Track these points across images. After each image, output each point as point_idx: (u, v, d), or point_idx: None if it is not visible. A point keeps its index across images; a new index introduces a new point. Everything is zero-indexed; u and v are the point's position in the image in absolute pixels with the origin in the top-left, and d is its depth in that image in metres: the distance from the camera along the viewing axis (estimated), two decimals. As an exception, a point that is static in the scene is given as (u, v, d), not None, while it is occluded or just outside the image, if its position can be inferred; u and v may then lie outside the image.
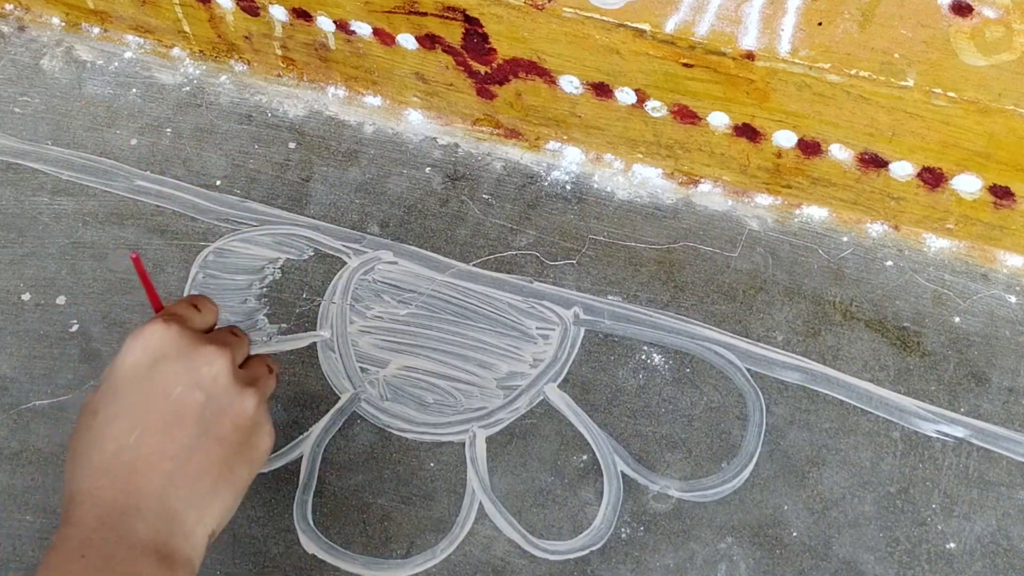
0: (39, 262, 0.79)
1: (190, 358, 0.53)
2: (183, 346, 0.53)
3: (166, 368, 0.53)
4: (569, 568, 0.66)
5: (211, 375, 0.53)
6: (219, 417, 0.53)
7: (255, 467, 0.55)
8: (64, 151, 0.84)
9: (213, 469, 0.53)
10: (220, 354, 0.54)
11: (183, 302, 0.58)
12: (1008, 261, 0.74)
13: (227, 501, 0.54)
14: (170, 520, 0.51)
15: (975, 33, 0.59)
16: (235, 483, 0.54)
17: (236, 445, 0.54)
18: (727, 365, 0.72)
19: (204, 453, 0.52)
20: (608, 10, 0.67)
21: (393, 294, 0.76)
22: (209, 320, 0.59)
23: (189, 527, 0.51)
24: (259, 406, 0.55)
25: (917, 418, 0.69)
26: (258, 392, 0.55)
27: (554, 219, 0.78)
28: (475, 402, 0.71)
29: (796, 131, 0.71)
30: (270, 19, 0.81)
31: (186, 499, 0.51)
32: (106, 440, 0.51)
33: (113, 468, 0.51)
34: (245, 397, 0.54)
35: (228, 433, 0.53)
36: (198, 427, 0.52)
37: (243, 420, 0.54)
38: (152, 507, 0.50)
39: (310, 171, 0.82)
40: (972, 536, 0.65)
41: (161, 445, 0.51)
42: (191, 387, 0.53)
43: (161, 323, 0.54)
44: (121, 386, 0.53)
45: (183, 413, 0.52)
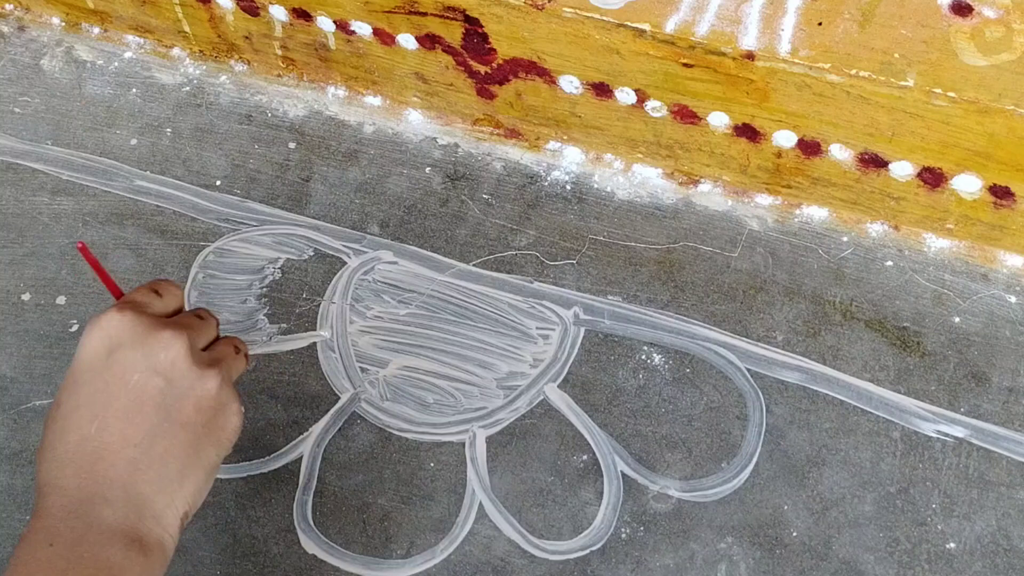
0: (39, 262, 0.79)
1: (146, 344, 0.53)
2: (139, 332, 0.53)
3: (123, 356, 0.53)
4: (569, 568, 0.66)
5: (168, 359, 0.53)
6: (180, 401, 0.53)
7: (224, 447, 0.55)
8: (64, 151, 0.84)
9: (179, 452, 0.53)
10: (176, 337, 0.54)
11: (143, 288, 0.58)
12: (1008, 261, 0.74)
13: (197, 483, 0.54)
14: (138, 505, 0.51)
15: (975, 33, 0.59)
16: (204, 464, 0.54)
17: (201, 427, 0.54)
18: (727, 365, 0.72)
19: (168, 438, 0.52)
20: (608, 10, 0.67)
21: (393, 294, 0.76)
22: (171, 304, 0.58)
23: (159, 510, 0.52)
24: (222, 386, 0.55)
25: (917, 418, 0.69)
26: (220, 372, 0.55)
27: (554, 219, 0.78)
28: (475, 402, 0.71)
29: (796, 131, 0.71)
30: (270, 19, 0.81)
31: (153, 483, 0.52)
32: (69, 431, 0.52)
33: (77, 458, 0.51)
34: (206, 379, 0.54)
35: (191, 416, 0.53)
36: (159, 412, 0.53)
37: (206, 402, 0.54)
38: (118, 494, 0.51)
39: (310, 171, 0.82)
40: (972, 536, 0.65)
41: (123, 432, 0.52)
42: (149, 373, 0.53)
43: (116, 311, 0.54)
44: (80, 377, 0.53)
45: (143, 400, 0.52)
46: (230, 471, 0.70)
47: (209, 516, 0.69)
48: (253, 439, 0.71)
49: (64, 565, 0.48)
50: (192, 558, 0.67)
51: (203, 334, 0.57)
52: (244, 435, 0.71)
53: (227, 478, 0.70)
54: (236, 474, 0.70)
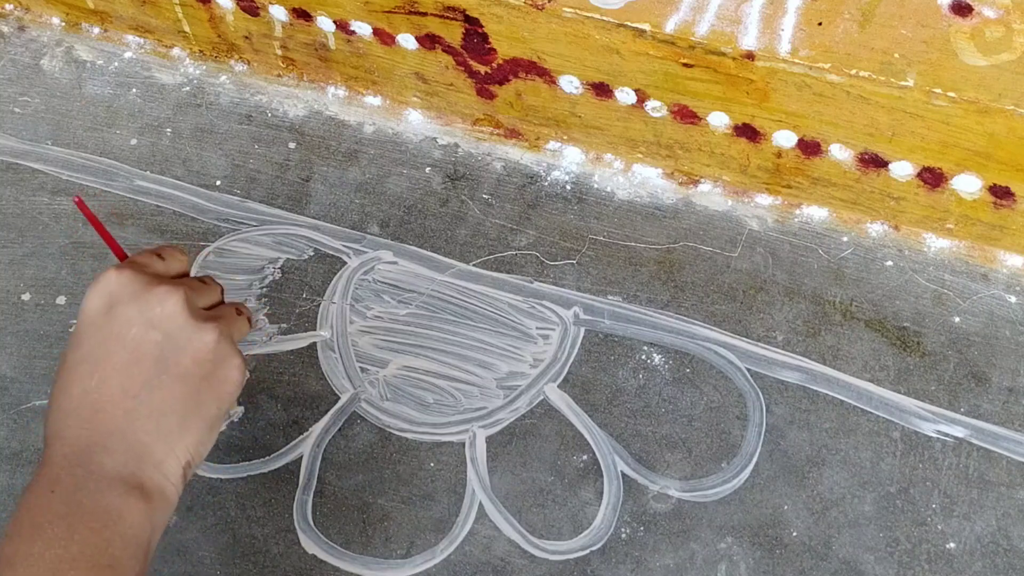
0: (39, 262, 0.79)
1: (143, 299, 0.55)
2: (136, 289, 0.55)
3: (121, 312, 0.54)
4: (569, 568, 0.66)
5: (164, 314, 0.54)
6: (178, 353, 0.54)
7: (224, 401, 0.56)
8: (64, 151, 0.84)
9: (178, 404, 0.54)
10: (172, 292, 0.55)
11: (147, 251, 0.59)
12: (1008, 261, 0.74)
13: (198, 433, 0.55)
14: (138, 453, 0.53)
15: (975, 33, 0.59)
16: (204, 416, 0.55)
17: (200, 379, 0.55)
18: (727, 365, 0.72)
19: (166, 389, 0.54)
20: (608, 10, 0.67)
21: (393, 294, 0.76)
22: (173, 267, 0.60)
23: (159, 458, 0.53)
24: (220, 340, 0.56)
25: (917, 418, 0.69)
26: (219, 327, 0.56)
27: (554, 219, 0.78)
28: (475, 402, 0.71)
29: (796, 131, 0.71)
30: (270, 19, 0.81)
31: (152, 432, 0.53)
32: (71, 384, 0.54)
33: (78, 410, 0.53)
34: (204, 332, 0.55)
35: (189, 368, 0.54)
36: (157, 365, 0.54)
37: (203, 354, 0.55)
38: (118, 443, 0.52)
39: (310, 171, 0.82)
40: (972, 536, 0.65)
41: (122, 385, 0.53)
42: (146, 327, 0.54)
43: (115, 269, 0.56)
44: (82, 333, 0.55)
45: (140, 353, 0.54)
46: (230, 471, 0.70)
47: (209, 516, 0.69)
48: (253, 439, 0.71)
49: (64, 510, 0.50)
50: (192, 558, 0.67)
51: (204, 295, 0.58)
52: (244, 435, 0.71)
53: (227, 478, 0.70)
54: (236, 474, 0.70)
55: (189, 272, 0.61)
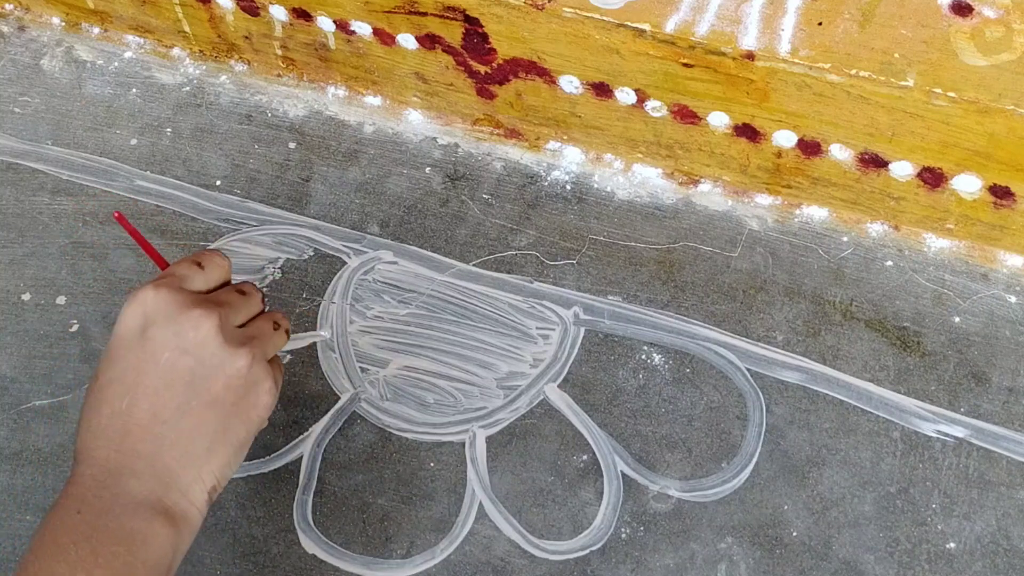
0: (39, 262, 0.79)
1: (177, 322, 0.54)
2: (172, 311, 0.54)
3: (155, 334, 0.54)
4: (569, 568, 0.66)
5: (198, 339, 0.54)
6: (209, 380, 0.54)
7: (254, 424, 0.56)
8: (64, 151, 0.84)
9: (207, 429, 0.54)
10: (207, 316, 0.54)
11: (185, 261, 0.59)
12: (1008, 261, 0.74)
13: (225, 458, 0.55)
14: (165, 479, 0.53)
15: (975, 33, 0.59)
16: (232, 441, 0.55)
17: (230, 405, 0.55)
18: (727, 365, 0.72)
19: (196, 415, 0.54)
20: (608, 10, 0.67)
21: (393, 294, 0.76)
22: (214, 277, 0.59)
23: (185, 484, 0.53)
24: (254, 365, 0.55)
25: (917, 418, 0.69)
26: (252, 350, 0.55)
27: (554, 219, 0.78)
28: (475, 402, 0.71)
29: (796, 131, 0.71)
30: (270, 19, 0.81)
31: (180, 458, 0.53)
32: (102, 404, 0.53)
33: (108, 431, 0.53)
34: (237, 357, 0.55)
35: (220, 394, 0.54)
36: (188, 391, 0.54)
37: (236, 380, 0.55)
38: (145, 467, 0.52)
39: (310, 171, 0.82)
40: (972, 536, 0.65)
41: (152, 409, 0.53)
42: (179, 352, 0.54)
43: (152, 288, 0.55)
44: (116, 352, 0.54)
45: (172, 378, 0.54)
46: (230, 471, 0.70)
47: (209, 516, 0.69)
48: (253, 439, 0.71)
49: (89, 531, 0.50)
50: (192, 558, 0.67)
51: (241, 310, 0.58)
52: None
53: (227, 478, 0.70)
54: (236, 474, 0.70)
55: (230, 279, 0.60)
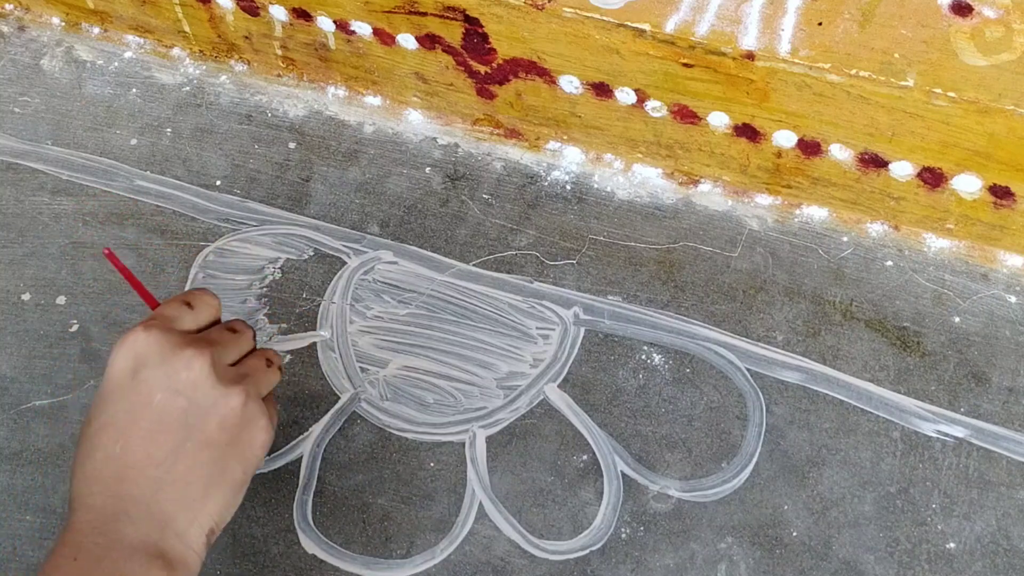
0: (39, 262, 0.79)
1: (169, 363, 0.54)
2: (163, 352, 0.54)
3: (147, 375, 0.54)
4: (569, 568, 0.66)
5: (190, 379, 0.54)
6: (203, 420, 0.54)
7: (250, 463, 0.56)
8: (64, 151, 0.84)
9: (202, 471, 0.53)
10: (198, 356, 0.54)
11: (175, 300, 0.58)
12: (1008, 261, 0.74)
13: (222, 500, 0.54)
14: (161, 523, 0.52)
15: (975, 33, 0.59)
16: (229, 482, 0.55)
17: (225, 445, 0.54)
18: (727, 365, 0.72)
19: (191, 457, 0.53)
20: (608, 10, 0.67)
21: (393, 294, 0.76)
22: (204, 317, 0.58)
23: (182, 527, 0.52)
24: (247, 403, 0.55)
25: (917, 418, 0.69)
26: (245, 389, 0.55)
27: (554, 219, 0.78)
28: (475, 402, 0.71)
29: (796, 131, 0.71)
30: (270, 19, 0.81)
31: (176, 501, 0.52)
32: (96, 449, 0.53)
33: (102, 476, 0.52)
34: (230, 396, 0.54)
35: (215, 434, 0.54)
36: (182, 432, 0.53)
37: (230, 420, 0.54)
38: (141, 512, 0.52)
39: (310, 171, 0.82)
40: (972, 536, 0.65)
41: (146, 452, 0.53)
42: (171, 393, 0.53)
43: (142, 329, 0.54)
44: (108, 395, 0.54)
45: (165, 419, 0.53)
46: (230, 471, 0.70)
47: (209, 516, 0.69)
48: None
49: None
50: (192, 558, 0.67)
51: (232, 349, 0.57)
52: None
53: (227, 478, 0.70)
54: (236, 474, 0.70)
55: (220, 317, 0.60)
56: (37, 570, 0.66)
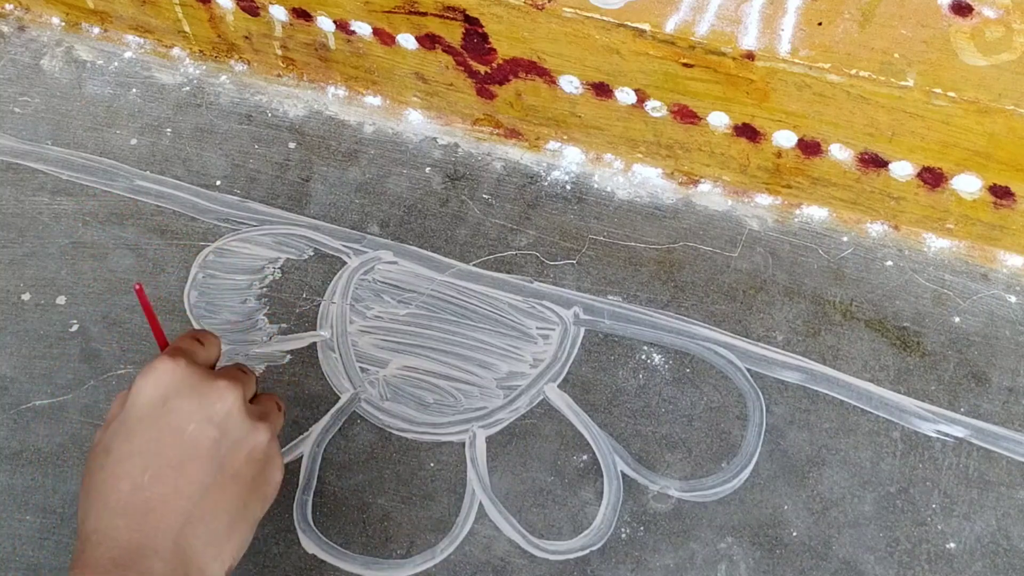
0: (39, 262, 0.79)
1: (202, 394, 0.53)
2: (194, 382, 0.53)
3: (178, 405, 0.53)
4: (569, 568, 0.66)
5: (224, 410, 0.53)
6: (233, 453, 0.53)
7: (267, 502, 0.55)
8: (64, 151, 0.84)
9: (229, 506, 0.52)
10: (232, 389, 0.54)
11: (186, 337, 0.58)
12: (1008, 261, 0.74)
13: (243, 537, 0.54)
14: (186, 559, 0.50)
15: (975, 33, 0.59)
16: (249, 519, 0.54)
17: (250, 481, 0.54)
18: (727, 365, 0.72)
19: (220, 491, 0.52)
20: (608, 10, 0.67)
21: (393, 294, 0.76)
22: (213, 354, 0.58)
23: (204, 564, 0.51)
24: (272, 441, 0.55)
25: (917, 418, 0.69)
26: (270, 426, 0.55)
27: (554, 219, 0.78)
28: (475, 402, 0.71)
29: (796, 131, 0.71)
30: (270, 19, 0.81)
31: (202, 536, 0.51)
32: (121, 479, 0.51)
33: (129, 508, 0.50)
34: (259, 432, 0.54)
35: (242, 468, 0.53)
36: (212, 464, 0.52)
37: (256, 454, 0.54)
38: (168, 546, 0.50)
39: (310, 171, 0.82)
40: (972, 536, 0.65)
41: (176, 483, 0.51)
42: (204, 423, 0.53)
43: (169, 359, 0.54)
44: (134, 424, 0.53)
45: (197, 450, 0.52)
46: (230, 471, 0.70)
47: (209, 516, 0.69)
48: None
49: None
50: (192, 558, 0.67)
51: (249, 387, 0.57)
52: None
53: (227, 478, 0.70)
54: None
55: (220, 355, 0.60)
56: (37, 570, 0.67)
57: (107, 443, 0.53)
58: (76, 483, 0.70)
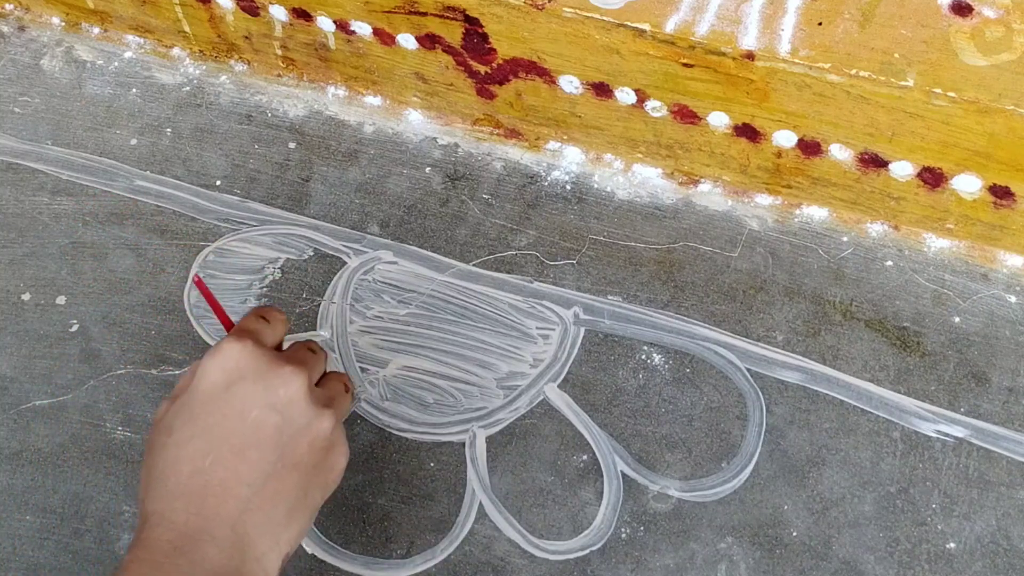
0: (39, 262, 0.79)
1: (266, 379, 0.52)
2: (260, 366, 0.53)
3: (242, 389, 0.52)
4: (569, 568, 0.66)
5: (287, 396, 0.52)
6: (295, 440, 0.52)
7: (329, 489, 0.55)
8: (64, 151, 0.84)
9: (288, 494, 0.52)
10: (297, 374, 0.53)
11: (251, 316, 0.57)
12: (1008, 261, 0.74)
13: (301, 525, 0.53)
14: (243, 545, 0.50)
15: (975, 33, 0.59)
16: (309, 506, 0.53)
17: (311, 468, 0.53)
18: (727, 365, 0.72)
19: (280, 478, 0.52)
20: (608, 10, 0.67)
21: (393, 294, 0.76)
22: (280, 332, 0.58)
23: (262, 552, 0.51)
24: (336, 427, 0.54)
25: (917, 418, 0.69)
26: (335, 412, 0.54)
27: (554, 219, 0.78)
28: (475, 402, 0.71)
29: (796, 131, 0.71)
30: (270, 19, 0.81)
31: (260, 524, 0.51)
32: (181, 462, 0.51)
33: (188, 491, 0.50)
34: (323, 419, 0.53)
35: (304, 456, 0.53)
36: (274, 451, 0.52)
37: (320, 442, 0.53)
38: (226, 532, 0.50)
39: (310, 171, 0.82)
40: (972, 536, 0.65)
41: (237, 469, 0.51)
42: (267, 409, 0.52)
43: (236, 341, 0.53)
44: (198, 407, 0.52)
45: (259, 436, 0.51)
46: (230, 471, 0.70)
47: (209, 516, 0.69)
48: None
49: None
50: (192, 558, 0.67)
51: (316, 369, 0.56)
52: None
53: (227, 478, 0.70)
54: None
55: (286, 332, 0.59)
56: (37, 570, 0.67)
57: (169, 422, 0.52)
58: (76, 483, 0.70)
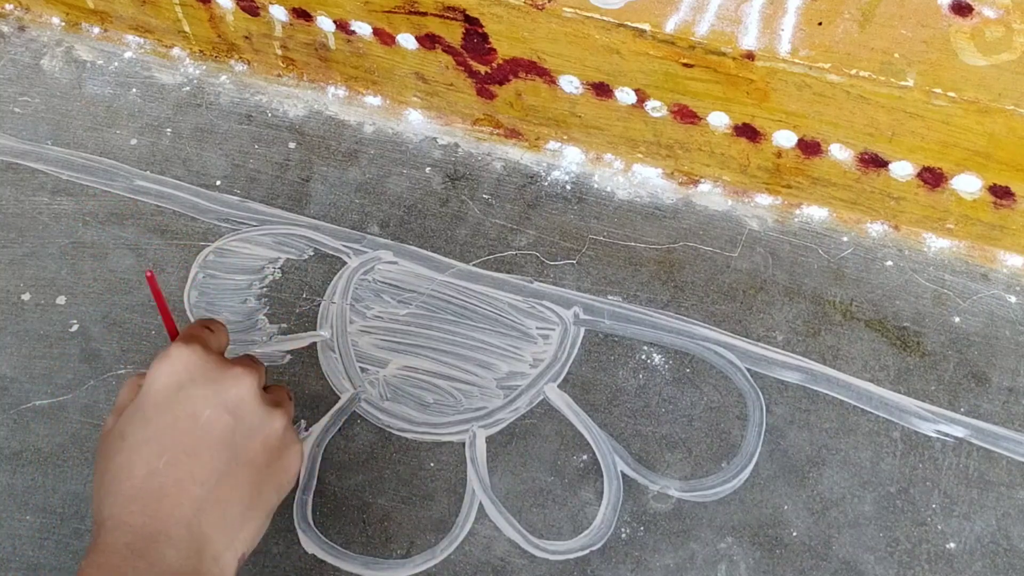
0: (39, 262, 0.79)
1: (217, 380, 0.53)
2: (209, 368, 0.53)
3: (193, 391, 0.53)
4: (569, 568, 0.66)
5: (239, 396, 0.53)
6: (248, 439, 0.53)
7: (284, 489, 0.55)
8: (64, 151, 0.84)
9: (243, 493, 0.52)
10: (247, 375, 0.54)
11: (196, 325, 0.58)
12: (1008, 261, 0.74)
13: (257, 524, 0.53)
14: (199, 546, 0.50)
15: (975, 33, 0.59)
16: (264, 506, 0.54)
17: (265, 468, 0.54)
18: (727, 365, 0.72)
19: (234, 477, 0.52)
20: (608, 10, 0.67)
21: (393, 294, 0.76)
22: (223, 341, 0.59)
23: (218, 551, 0.51)
24: (287, 427, 0.55)
25: (917, 418, 0.69)
26: (285, 413, 0.55)
27: (554, 219, 0.78)
28: (475, 402, 0.71)
29: (796, 131, 0.71)
30: (270, 19, 0.81)
31: (216, 524, 0.51)
32: (135, 465, 0.51)
33: (143, 494, 0.51)
34: (274, 418, 0.54)
35: (257, 455, 0.53)
36: (227, 450, 0.52)
37: (272, 441, 0.54)
38: (182, 533, 0.50)
39: (310, 171, 0.82)
40: (972, 536, 0.65)
41: (191, 469, 0.51)
42: (219, 409, 0.53)
43: (185, 346, 0.54)
44: (149, 411, 0.53)
45: (212, 436, 0.52)
46: (230, 471, 0.70)
47: (209, 516, 0.69)
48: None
49: None
50: (192, 558, 0.67)
51: (261, 376, 0.57)
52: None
53: (227, 478, 0.70)
54: (236, 474, 0.70)
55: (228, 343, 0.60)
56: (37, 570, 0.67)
57: (121, 428, 0.53)
58: (76, 483, 0.70)
